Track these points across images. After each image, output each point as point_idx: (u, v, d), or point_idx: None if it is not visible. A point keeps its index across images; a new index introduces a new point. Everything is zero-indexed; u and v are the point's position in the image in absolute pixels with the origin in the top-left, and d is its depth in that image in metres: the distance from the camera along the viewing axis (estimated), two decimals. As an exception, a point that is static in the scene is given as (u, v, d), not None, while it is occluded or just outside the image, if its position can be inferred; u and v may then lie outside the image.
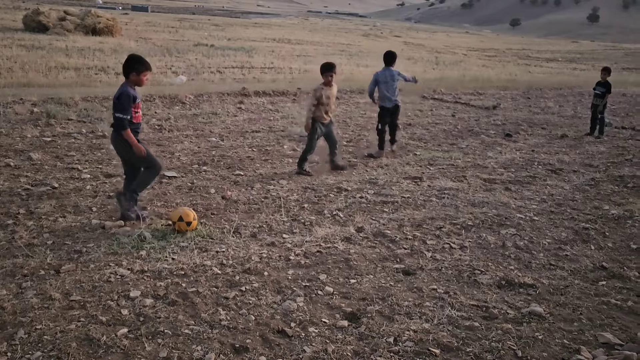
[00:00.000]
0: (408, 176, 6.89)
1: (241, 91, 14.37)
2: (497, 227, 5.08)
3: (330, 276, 3.92)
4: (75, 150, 7.65)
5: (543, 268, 4.23)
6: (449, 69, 29.93)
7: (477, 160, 7.96)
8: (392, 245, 4.56)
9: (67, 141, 8.14)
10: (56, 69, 17.45)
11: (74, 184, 5.98)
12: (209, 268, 3.95)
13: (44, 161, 6.90)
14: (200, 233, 4.60)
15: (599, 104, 10.37)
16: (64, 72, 16.99)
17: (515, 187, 6.53)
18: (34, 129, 8.72)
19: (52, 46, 23.90)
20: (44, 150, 7.49)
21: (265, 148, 8.42)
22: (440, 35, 78.65)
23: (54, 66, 17.95)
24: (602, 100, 10.34)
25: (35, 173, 6.37)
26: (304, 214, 5.33)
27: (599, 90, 10.47)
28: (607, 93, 10.39)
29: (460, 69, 30.76)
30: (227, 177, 6.64)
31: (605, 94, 10.37)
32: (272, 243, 4.53)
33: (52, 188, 5.76)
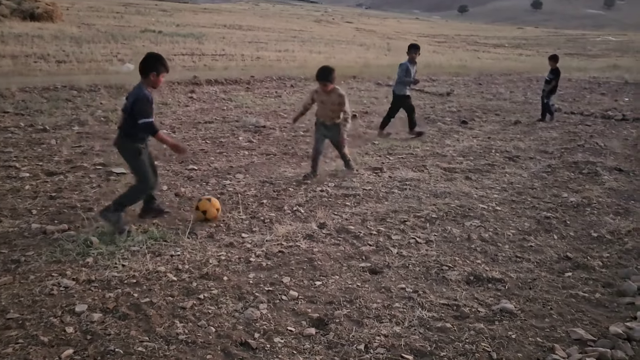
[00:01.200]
0: (368, 167, 6.74)
1: (192, 80, 13.86)
2: (461, 218, 5.00)
3: (294, 279, 3.71)
4: (13, 146, 7.11)
5: (509, 261, 4.16)
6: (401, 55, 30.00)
7: (436, 149, 7.90)
8: (357, 242, 4.39)
9: (2, 136, 7.56)
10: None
11: (10, 184, 5.51)
12: (164, 274, 3.66)
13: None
14: (153, 235, 4.29)
15: (545, 87, 10.74)
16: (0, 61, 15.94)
17: (476, 176, 6.49)
18: (-34, 124, 8.06)
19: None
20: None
21: (219, 140, 8.09)
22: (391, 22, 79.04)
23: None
24: (549, 85, 10.65)
25: (-34, 172, 5.84)
26: (263, 210, 5.08)
27: (548, 76, 10.82)
28: (555, 79, 10.69)
29: (412, 55, 30.92)
30: (180, 173, 6.30)
31: (553, 79, 10.68)
32: (230, 244, 4.27)
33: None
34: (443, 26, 78.08)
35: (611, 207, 5.47)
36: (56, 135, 7.83)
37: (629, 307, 3.48)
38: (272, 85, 14.75)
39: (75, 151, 7.03)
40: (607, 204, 5.56)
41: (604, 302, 3.56)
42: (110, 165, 6.36)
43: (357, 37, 46.39)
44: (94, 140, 7.65)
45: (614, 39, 55.48)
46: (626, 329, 3.09)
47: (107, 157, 6.78)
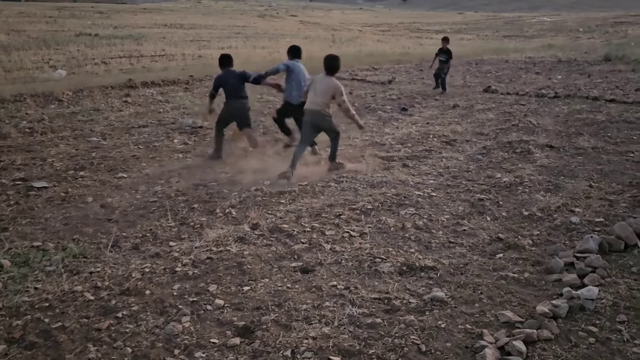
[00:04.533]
0: (305, 161, 6.61)
1: (127, 83, 13.33)
2: (396, 207, 4.95)
3: (222, 286, 3.54)
4: None
5: (443, 247, 4.13)
6: (345, 46, 30.08)
7: (375, 138, 7.86)
8: (289, 241, 4.26)
9: None
10: None
11: None
12: (80, 295, 3.42)
13: None
14: (71, 252, 4.02)
15: (443, 67, 12.15)
16: None
17: (413, 163, 6.48)
18: None
19: None
20: None
21: (153, 144, 7.77)
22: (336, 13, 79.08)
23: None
24: (446, 65, 12.15)
25: None
26: (193, 215, 4.88)
27: (443, 57, 12.13)
28: (450, 59, 12.18)
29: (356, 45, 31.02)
30: (107, 182, 5.99)
31: (448, 60, 12.14)
32: (156, 254, 4.06)
33: None
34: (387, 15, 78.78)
35: (542, 184, 5.56)
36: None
37: (556, 284, 3.50)
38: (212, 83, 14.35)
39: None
40: (539, 181, 5.64)
41: (533, 282, 3.56)
42: (32, 180, 5.99)
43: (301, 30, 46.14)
44: (16, 154, 7.21)
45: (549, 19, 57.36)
46: (552, 307, 3.09)
47: (29, 170, 6.40)
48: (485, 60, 19.82)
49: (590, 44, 27.64)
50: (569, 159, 6.53)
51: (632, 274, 3.64)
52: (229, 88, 7.06)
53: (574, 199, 5.10)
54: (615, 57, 18.26)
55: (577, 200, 5.08)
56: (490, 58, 20.73)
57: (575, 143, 7.24)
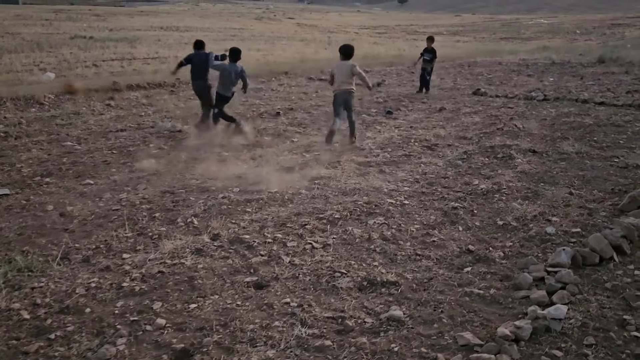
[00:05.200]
0: (280, 167, 6.41)
1: (112, 86, 13.13)
2: (365, 216, 4.74)
3: (167, 303, 3.33)
4: None
5: (409, 260, 3.93)
6: (340, 48, 29.86)
7: (356, 142, 7.66)
8: (248, 253, 4.05)
9: None
10: None
11: None
12: (16, 313, 3.21)
13: None
14: (16, 266, 3.81)
15: (427, 67, 12.20)
16: None
17: (390, 169, 6.27)
18: None
19: None
20: None
21: (127, 149, 7.57)
22: (333, 15, 78.99)
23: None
24: (430, 64, 12.24)
25: None
26: (153, 225, 4.67)
27: (427, 56, 12.23)
28: (434, 58, 12.32)
29: (351, 47, 30.82)
30: (72, 189, 5.78)
31: (433, 59, 12.29)
32: (106, 267, 3.86)
33: None
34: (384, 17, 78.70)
35: (520, 191, 5.36)
36: (-58, 156, 7.13)
37: (523, 302, 3.29)
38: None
39: (-41, 174, 6.38)
40: (517, 188, 5.44)
41: (499, 299, 3.35)
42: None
43: (298, 32, 45.98)
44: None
45: (546, 21, 57.27)
46: (515, 329, 2.88)
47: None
48: (478, 63, 19.63)
49: (586, 46, 27.48)
50: (551, 164, 6.32)
51: (605, 290, 3.43)
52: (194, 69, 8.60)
53: (552, 208, 4.90)
54: (609, 59, 18.08)
55: (555, 209, 4.88)
56: (483, 60, 20.54)
57: (559, 148, 7.04)
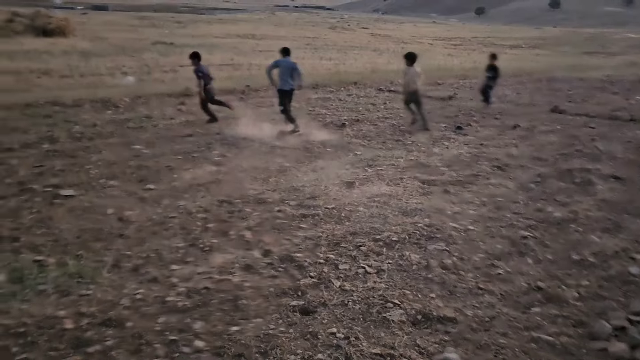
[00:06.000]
0: (340, 181, 6.21)
1: (184, 91, 13.50)
2: (425, 241, 4.43)
3: (209, 323, 3.20)
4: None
5: (469, 293, 3.59)
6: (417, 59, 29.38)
7: (421, 159, 7.32)
8: (298, 273, 3.86)
9: (-37, 157, 7.24)
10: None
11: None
12: (59, 322, 3.20)
13: None
14: (68, 271, 3.84)
15: (491, 84, 12.02)
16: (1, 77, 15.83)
17: (455, 189, 5.90)
18: None
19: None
20: None
21: (191, 155, 7.64)
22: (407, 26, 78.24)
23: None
24: (492, 81, 12.01)
25: None
26: (206, 236, 4.60)
27: (490, 73, 11.97)
28: (497, 76, 12.01)
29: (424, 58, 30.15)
30: (133, 193, 5.86)
31: (495, 77, 12.00)
32: (154, 279, 3.80)
33: None
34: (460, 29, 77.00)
35: (600, 222, 4.84)
36: (20, 154, 7.49)
37: (599, 355, 2.88)
38: (267, 94, 14.28)
39: (33, 172, 6.65)
40: (596, 218, 4.92)
41: (571, 349, 2.96)
42: (63, 187, 5.97)
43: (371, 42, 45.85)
44: (59, 159, 7.29)
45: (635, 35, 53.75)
46: (589, 389, 2.50)
47: (64, 177, 6.41)
48: (558, 78, 18.56)
49: (681, 62, 25.39)
50: (636, 193, 5.71)
51: (702, 348, 2.95)
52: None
53: (636, 243, 4.37)
54: None
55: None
56: (564, 75, 19.41)
57: (647, 175, 6.38)
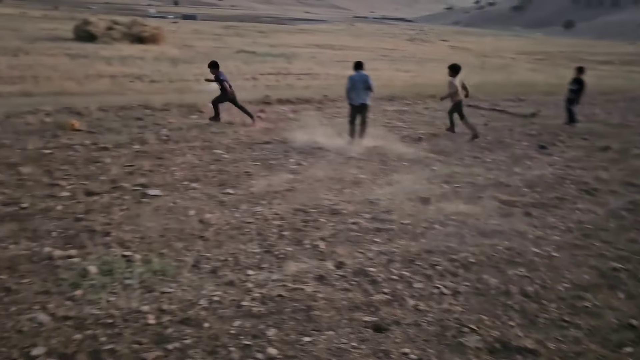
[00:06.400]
0: (416, 197, 6.11)
1: (263, 99, 13.88)
2: (504, 265, 4.26)
3: (282, 331, 3.24)
4: (70, 163, 7.29)
5: (553, 325, 3.40)
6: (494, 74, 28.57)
7: (501, 177, 7.06)
8: (371, 288, 3.83)
9: (65, 153, 7.81)
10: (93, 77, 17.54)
11: (46, 204, 5.56)
12: (143, 316, 3.36)
13: (31, 176, 6.56)
14: (152, 267, 4.03)
15: (572, 97, 11.51)
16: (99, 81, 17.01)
17: (538, 212, 5.63)
18: (38, 141, 8.47)
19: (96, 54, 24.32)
20: (37, 163, 7.17)
21: (269, 162, 7.83)
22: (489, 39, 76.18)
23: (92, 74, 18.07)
24: (576, 95, 11.47)
25: (15, 190, 6.01)
26: (281, 243, 4.67)
27: (574, 86, 11.54)
28: (581, 90, 11.45)
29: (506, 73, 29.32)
30: (214, 197, 6.07)
31: (580, 90, 11.45)
32: (230, 282, 3.90)
33: (20, 208, 5.36)
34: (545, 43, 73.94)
35: None
36: (114, 153, 7.98)
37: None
38: (344, 104, 14.33)
39: (124, 170, 7.07)
40: (700, 255, 4.52)
41: (667, 396, 2.73)
42: (150, 187, 6.30)
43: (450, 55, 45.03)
44: (147, 159, 7.70)
45: None
46: None
47: (151, 177, 6.75)
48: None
49: None
50: None
51: None
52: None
53: None
54: None
55: None
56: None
57: None
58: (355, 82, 9.11)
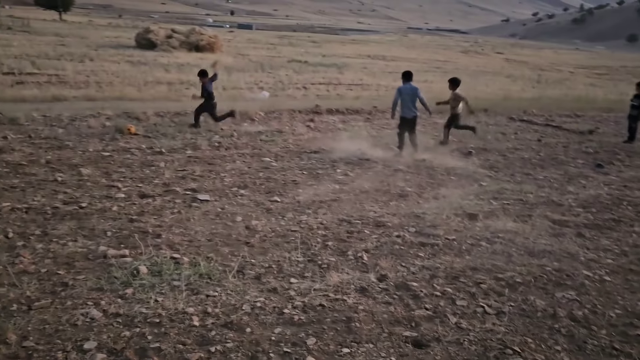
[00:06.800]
0: (462, 212, 6.02)
1: (313, 108, 14.04)
2: (552, 287, 4.13)
3: (321, 341, 3.27)
4: (126, 166, 7.62)
5: (602, 353, 3.27)
6: (551, 88, 27.77)
7: (553, 196, 6.85)
8: (413, 303, 3.81)
9: (123, 156, 8.17)
10: (151, 83, 18.27)
11: (102, 204, 5.84)
12: (188, 318, 3.47)
13: (90, 177, 6.90)
14: (199, 271, 4.16)
15: (636, 115, 11.37)
16: (157, 87, 17.70)
17: (591, 233, 5.43)
18: (98, 143, 8.91)
19: (155, 62, 25.34)
20: (96, 165, 7.54)
21: (316, 171, 7.91)
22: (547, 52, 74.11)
23: (150, 81, 18.82)
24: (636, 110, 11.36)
25: (75, 189, 6.34)
26: (324, 253, 4.71)
27: (636, 102, 11.41)
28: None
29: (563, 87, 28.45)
30: (261, 204, 6.19)
31: None
32: (274, 289, 3.97)
33: (79, 207, 5.65)
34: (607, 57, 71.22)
35: None
36: (168, 158, 8.28)
37: None
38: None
39: (176, 175, 7.32)
40: None
41: None
42: (200, 192, 6.49)
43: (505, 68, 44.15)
44: (199, 165, 7.94)
45: None
46: None
47: (202, 182, 6.96)
48: None
49: None
50: None
51: None
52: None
53: None
54: None
55: None
56: None
57: None
58: (404, 94, 9.05)
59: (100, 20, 77.92)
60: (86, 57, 24.62)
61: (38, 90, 14.22)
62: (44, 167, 7.23)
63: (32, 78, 16.95)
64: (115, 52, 29.29)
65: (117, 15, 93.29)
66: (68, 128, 9.88)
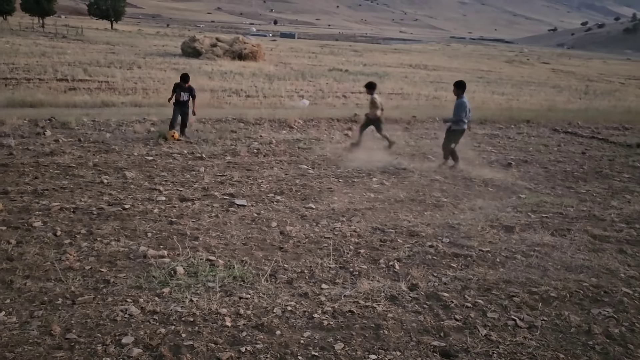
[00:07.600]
0: (499, 224, 5.94)
1: (352, 117, 14.11)
2: (589, 303, 4.04)
3: (349, 346, 3.32)
4: (169, 170, 7.88)
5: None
6: (599, 99, 26.93)
7: (594, 210, 6.67)
8: (443, 313, 3.80)
9: (165, 161, 8.45)
10: (195, 91, 18.75)
11: (144, 206, 6.06)
12: (221, 318, 3.58)
13: (134, 180, 7.17)
14: (233, 273, 4.27)
15: None
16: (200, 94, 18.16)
17: (634, 250, 5.27)
18: (142, 148, 9.23)
19: (200, 69, 26.01)
20: (140, 169, 7.82)
21: (352, 180, 7.96)
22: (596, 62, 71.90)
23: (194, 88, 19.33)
24: None
25: (120, 192, 6.61)
26: (356, 261, 4.76)
27: None
28: None
29: (612, 99, 27.55)
30: (296, 210, 6.29)
31: None
32: (304, 294, 4.04)
33: (122, 209, 5.88)
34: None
35: None
36: (207, 163, 8.51)
37: None
38: (433, 126, 14.25)
39: (215, 180, 7.51)
40: None
41: None
42: (237, 197, 6.65)
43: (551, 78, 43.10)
44: (238, 171, 8.12)
45: None
46: None
47: (239, 187, 7.12)
48: None
49: None
50: None
51: None
52: None
53: None
54: None
55: None
56: None
57: None
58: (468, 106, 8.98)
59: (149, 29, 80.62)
60: (134, 65, 25.52)
61: (89, 96, 14.85)
62: (92, 169, 7.55)
63: (83, 84, 17.72)
64: (162, 60, 30.24)
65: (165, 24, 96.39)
66: (115, 132, 10.27)
